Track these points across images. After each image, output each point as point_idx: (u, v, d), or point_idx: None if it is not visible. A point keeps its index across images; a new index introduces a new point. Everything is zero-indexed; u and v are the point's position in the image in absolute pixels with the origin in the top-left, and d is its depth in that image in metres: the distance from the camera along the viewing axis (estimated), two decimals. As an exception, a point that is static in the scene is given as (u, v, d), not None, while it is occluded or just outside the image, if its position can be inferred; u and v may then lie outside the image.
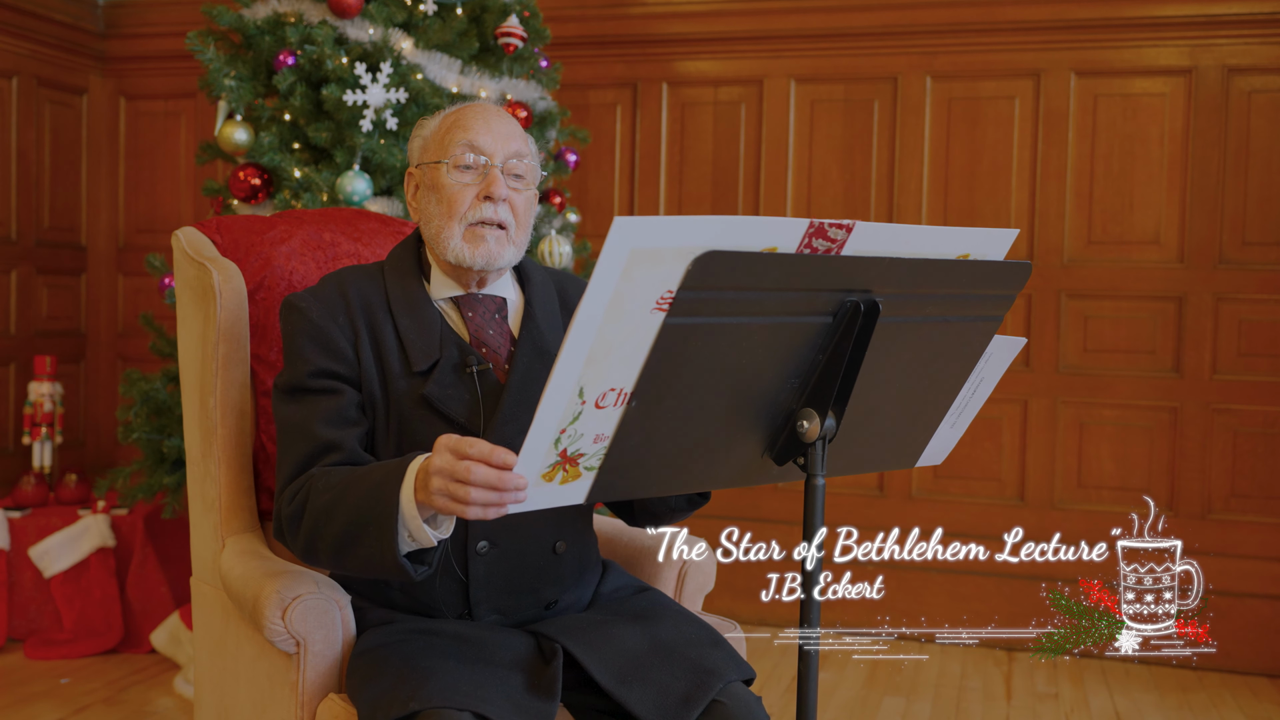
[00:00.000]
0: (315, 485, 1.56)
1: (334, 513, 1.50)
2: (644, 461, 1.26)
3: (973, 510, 3.95)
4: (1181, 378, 3.81)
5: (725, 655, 1.61)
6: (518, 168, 1.70)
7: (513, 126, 1.73)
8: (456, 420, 1.63)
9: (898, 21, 3.97)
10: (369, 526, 1.44)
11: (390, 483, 1.43)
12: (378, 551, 1.44)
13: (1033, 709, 3.33)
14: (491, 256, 1.67)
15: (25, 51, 4.41)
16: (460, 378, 1.66)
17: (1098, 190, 3.87)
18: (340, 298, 1.70)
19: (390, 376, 1.66)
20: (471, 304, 1.73)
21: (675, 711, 1.49)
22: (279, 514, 1.63)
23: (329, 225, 2.09)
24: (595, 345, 1.12)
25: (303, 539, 1.56)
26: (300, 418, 1.64)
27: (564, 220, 3.44)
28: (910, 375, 1.39)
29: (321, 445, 1.62)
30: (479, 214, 1.66)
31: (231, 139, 3.03)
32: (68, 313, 4.69)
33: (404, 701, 1.45)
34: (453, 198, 1.67)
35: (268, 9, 3.04)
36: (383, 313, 1.69)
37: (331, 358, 1.65)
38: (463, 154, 1.67)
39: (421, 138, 1.76)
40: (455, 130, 1.70)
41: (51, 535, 3.60)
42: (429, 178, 1.71)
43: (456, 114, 1.73)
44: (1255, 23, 3.70)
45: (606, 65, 4.26)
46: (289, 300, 1.71)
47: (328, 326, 1.66)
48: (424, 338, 1.67)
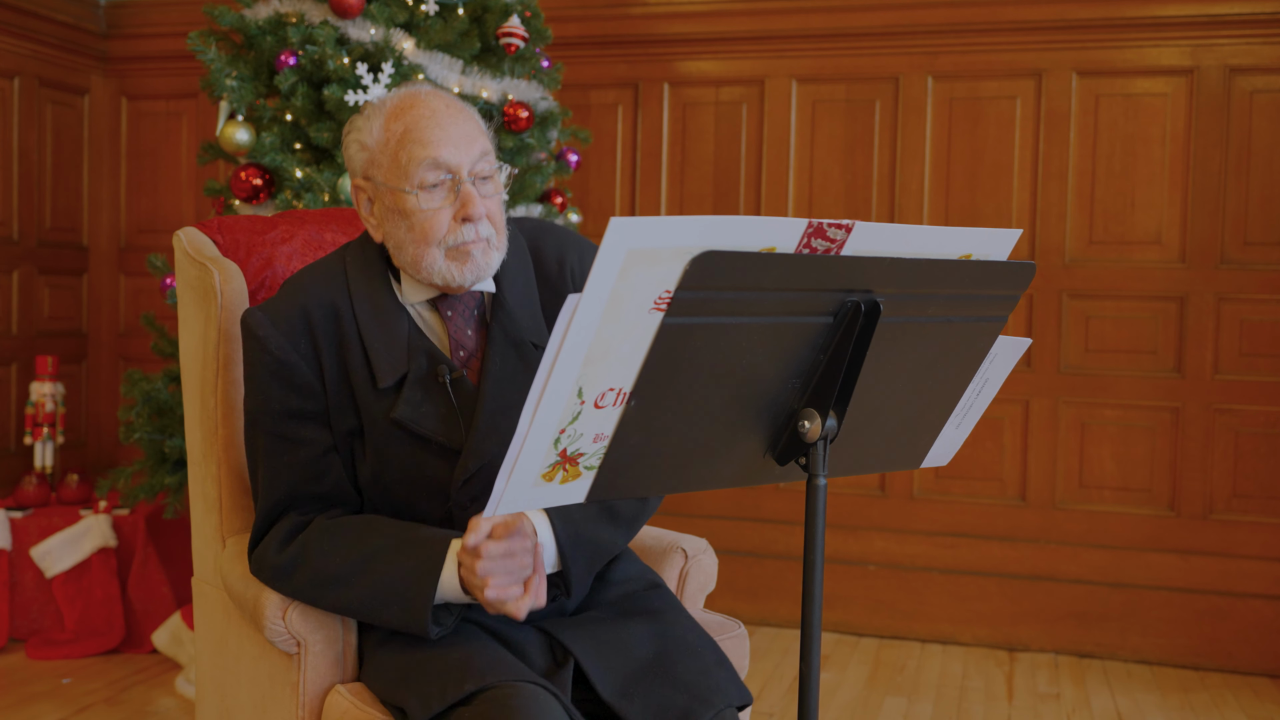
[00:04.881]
0: (313, 545, 1.55)
1: (352, 581, 1.52)
2: (644, 461, 1.25)
3: (974, 511, 3.95)
4: (1183, 378, 3.80)
5: (727, 677, 1.58)
6: (484, 170, 1.57)
7: (468, 122, 1.58)
8: (434, 439, 1.56)
9: (899, 21, 3.97)
10: (395, 603, 1.50)
11: (428, 569, 1.49)
12: (401, 623, 1.51)
13: (1034, 709, 3.32)
14: (481, 270, 1.57)
15: (27, 52, 4.41)
16: (431, 391, 1.57)
17: (1099, 190, 3.87)
18: (302, 315, 1.59)
19: (361, 396, 1.58)
20: (449, 303, 1.62)
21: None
22: (262, 560, 1.61)
23: (330, 225, 2.09)
24: (594, 345, 1.12)
25: (297, 591, 1.58)
26: (274, 465, 1.60)
27: (565, 221, 3.44)
28: (914, 376, 1.39)
29: (300, 497, 1.61)
30: (459, 238, 1.53)
31: (233, 139, 3.04)
32: (69, 313, 4.70)
33: (458, 683, 1.43)
34: (426, 225, 1.53)
35: (269, 9, 3.05)
36: (347, 315, 1.59)
37: (297, 394, 1.58)
38: (427, 174, 1.52)
39: (363, 146, 1.58)
40: (411, 144, 1.53)
41: (53, 535, 3.61)
42: (390, 202, 1.56)
43: (403, 122, 1.55)
44: (1257, 23, 3.70)
45: (608, 65, 4.26)
46: (246, 322, 1.61)
47: (289, 359, 1.57)
48: (390, 350, 1.57)
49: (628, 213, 4.28)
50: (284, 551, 1.57)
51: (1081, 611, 3.83)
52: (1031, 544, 3.89)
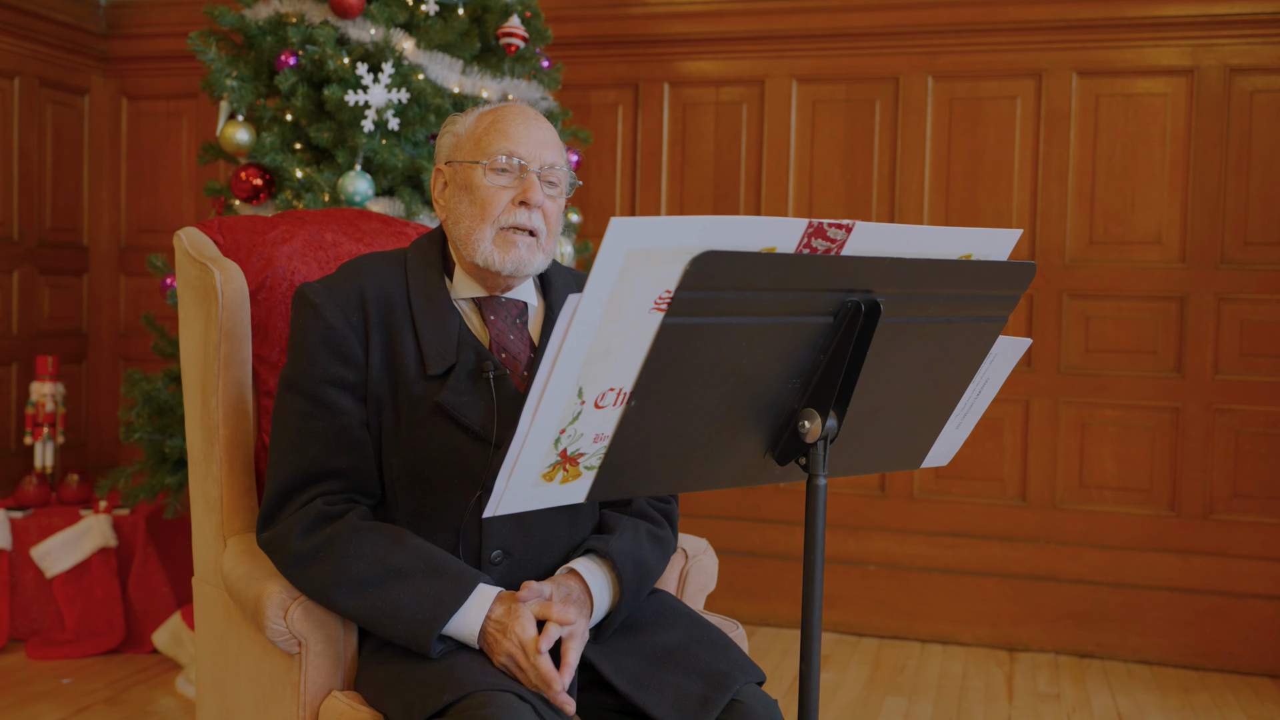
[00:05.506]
0: (340, 543, 1.56)
1: (370, 589, 1.55)
2: (644, 461, 1.26)
3: (974, 511, 3.95)
4: (1183, 378, 3.80)
5: (737, 658, 1.62)
6: (552, 175, 1.68)
7: (550, 135, 1.70)
8: (471, 429, 1.61)
9: (899, 21, 3.97)
10: (405, 622, 1.52)
11: (450, 600, 1.52)
12: (405, 640, 1.53)
13: (1034, 709, 3.32)
14: (521, 263, 1.65)
15: (27, 52, 4.41)
16: (476, 384, 1.63)
17: (1099, 190, 3.87)
18: (357, 293, 1.66)
19: (403, 378, 1.63)
20: (494, 307, 1.70)
21: (694, 712, 1.51)
22: (281, 542, 1.61)
23: (331, 225, 2.09)
24: (594, 345, 1.12)
25: (309, 584, 1.58)
26: (304, 429, 1.62)
27: (565, 220, 3.44)
28: (914, 376, 1.39)
29: (323, 471, 1.62)
30: (513, 219, 1.64)
31: (233, 139, 3.04)
32: (69, 313, 4.70)
33: (437, 693, 1.45)
34: (487, 200, 1.64)
35: (269, 9, 3.05)
36: (402, 309, 1.66)
37: (342, 362, 1.63)
38: (500, 157, 1.64)
39: (454, 134, 1.72)
40: (494, 132, 1.67)
41: (53, 535, 3.61)
42: (461, 176, 1.68)
43: (495, 114, 1.70)
44: (1257, 23, 3.70)
45: (608, 65, 4.26)
46: (304, 292, 1.67)
47: (341, 327, 1.63)
48: (441, 340, 1.64)
49: (628, 213, 4.28)
50: (308, 539, 1.58)
51: (1082, 611, 3.83)
52: (1032, 544, 3.89)
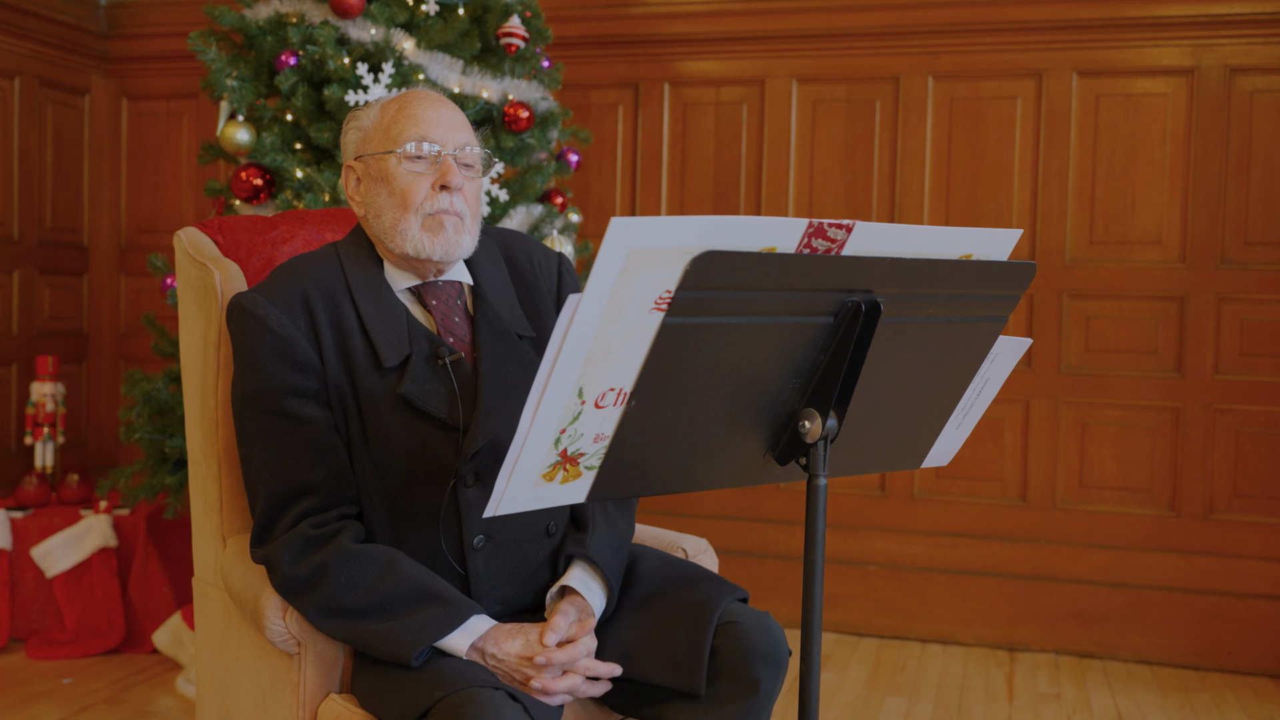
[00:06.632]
0: (333, 571, 1.56)
1: (361, 619, 1.55)
2: (644, 461, 1.26)
3: (975, 511, 3.95)
4: (1183, 378, 3.80)
5: (711, 586, 1.65)
6: (468, 157, 1.67)
7: (459, 115, 1.69)
8: (438, 417, 1.61)
9: (899, 21, 3.97)
10: (391, 644, 1.53)
11: (438, 627, 1.54)
12: (388, 656, 1.54)
13: (1035, 709, 3.32)
14: (451, 246, 1.64)
15: (27, 52, 4.41)
16: (434, 372, 1.62)
17: (1099, 190, 3.87)
18: (300, 296, 1.63)
19: (358, 373, 1.61)
20: (433, 292, 1.69)
21: (686, 659, 1.54)
22: (273, 563, 1.60)
23: (331, 225, 2.09)
24: (594, 345, 1.12)
25: (303, 609, 1.59)
26: (274, 445, 1.60)
27: (566, 220, 3.44)
28: (914, 376, 1.39)
29: (303, 486, 1.60)
30: (435, 205, 1.63)
31: (233, 139, 3.04)
32: (70, 313, 4.70)
33: (429, 692, 1.46)
34: (406, 189, 1.63)
35: (269, 9, 3.05)
36: (346, 306, 1.64)
37: (299, 371, 1.60)
38: (411, 144, 1.63)
39: (360, 129, 1.70)
40: (402, 120, 1.65)
41: (53, 535, 3.61)
42: (375, 169, 1.66)
43: (400, 102, 1.68)
44: (1257, 23, 3.70)
45: (608, 65, 4.26)
46: (240, 304, 1.63)
47: (291, 336, 1.60)
48: (391, 332, 1.63)
49: (628, 213, 4.28)
50: (299, 565, 1.57)
51: (1082, 611, 3.83)
52: (1032, 544, 3.89)
